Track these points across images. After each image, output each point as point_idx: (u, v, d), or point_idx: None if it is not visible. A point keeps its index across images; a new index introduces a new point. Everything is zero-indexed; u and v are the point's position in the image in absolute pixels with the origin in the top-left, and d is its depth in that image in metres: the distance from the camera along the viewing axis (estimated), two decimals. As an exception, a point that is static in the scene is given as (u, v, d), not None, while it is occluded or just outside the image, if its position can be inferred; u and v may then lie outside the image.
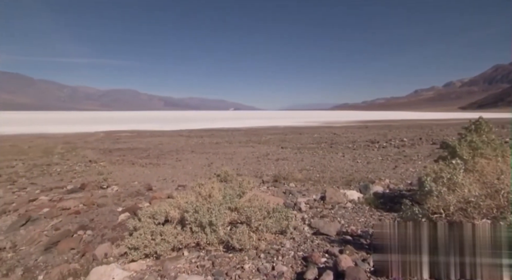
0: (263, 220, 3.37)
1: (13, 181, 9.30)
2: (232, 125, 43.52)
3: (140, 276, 2.72)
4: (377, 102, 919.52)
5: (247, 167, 10.95)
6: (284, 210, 3.58)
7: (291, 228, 3.51)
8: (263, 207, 3.58)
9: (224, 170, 8.01)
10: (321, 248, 3.05)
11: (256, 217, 3.34)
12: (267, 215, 3.50)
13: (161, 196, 6.11)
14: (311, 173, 9.36)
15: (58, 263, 3.74)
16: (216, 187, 4.26)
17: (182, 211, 3.86)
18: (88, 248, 4.04)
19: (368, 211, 4.25)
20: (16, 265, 3.75)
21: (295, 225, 3.74)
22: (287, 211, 3.58)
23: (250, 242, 3.09)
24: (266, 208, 3.59)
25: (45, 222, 5.18)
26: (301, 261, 2.79)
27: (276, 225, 3.39)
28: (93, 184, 8.38)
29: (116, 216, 5.23)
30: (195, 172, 10.38)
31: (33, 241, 4.40)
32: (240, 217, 3.77)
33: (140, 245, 3.26)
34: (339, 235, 3.43)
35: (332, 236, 3.39)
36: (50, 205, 6.20)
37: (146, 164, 12.12)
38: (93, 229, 4.69)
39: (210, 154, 14.74)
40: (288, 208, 3.91)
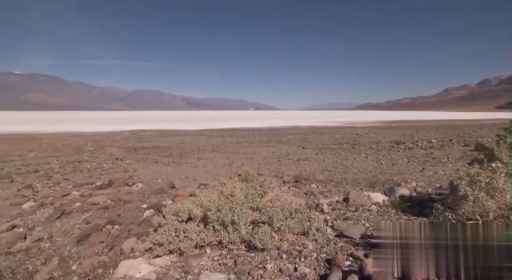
0: (285, 221, 3.35)
1: (49, 176, 9.92)
2: (252, 125, 43.69)
3: (165, 271, 2.79)
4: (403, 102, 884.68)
5: (267, 167, 10.93)
6: (306, 210, 3.54)
7: (314, 229, 3.45)
8: (285, 207, 3.55)
9: (245, 170, 8.04)
10: (345, 251, 2.98)
11: (278, 217, 3.32)
12: (289, 215, 3.47)
13: (183, 194, 6.25)
14: (332, 174, 9.18)
15: (89, 255, 3.93)
16: (238, 186, 4.29)
17: (205, 209, 3.92)
18: (115, 242, 4.22)
19: (394, 215, 4.09)
20: (52, 254, 3.99)
21: (318, 227, 3.68)
22: (310, 212, 3.53)
23: (272, 242, 3.08)
24: (288, 209, 3.56)
25: (77, 215, 5.47)
26: (324, 264, 2.73)
27: (298, 226, 3.35)
28: (120, 180, 8.73)
29: (141, 212, 5.42)
30: (216, 171, 10.52)
31: (67, 233, 4.66)
32: (262, 217, 3.77)
33: (165, 241, 3.35)
34: (363, 238, 3.32)
35: (356, 239, 3.29)
36: (81, 200, 6.55)
37: (169, 163, 12.45)
38: (120, 224, 4.89)
39: (230, 153, 14.88)
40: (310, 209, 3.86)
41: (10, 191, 7.95)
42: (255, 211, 4.10)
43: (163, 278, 2.66)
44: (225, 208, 3.52)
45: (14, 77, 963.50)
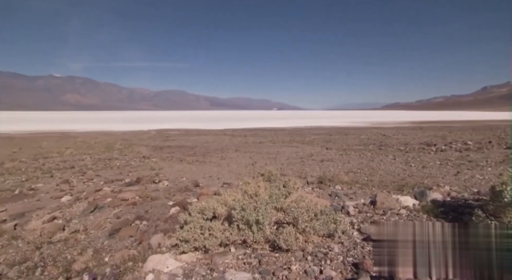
0: (310, 222, 3.29)
1: (83, 172, 10.54)
2: (275, 125, 43.57)
3: (191, 267, 2.85)
4: (434, 101, 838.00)
5: (290, 167, 10.84)
6: (332, 212, 3.46)
7: (340, 232, 3.37)
8: (310, 209, 3.50)
9: (268, 170, 8.03)
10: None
11: (303, 218, 3.27)
12: (314, 216, 3.41)
13: (208, 192, 6.36)
14: (358, 175, 8.91)
15: (120, 248, 4.12)
16: (262, 186, 4.29)
17: (229, 208, 3.96)
18: (144, 237, 4.39)
19: (426, 220, 3.88)
20: (87, 246, 4.23)
21: (344, 229, 3.58)
22: (335, 214, 3.45)
23: (296, 243, 3.04)
24: (313, 210, 3.50)
25: (109, 210, 5.76)
26: (351, 267, 2.65)
27: (323, 228, 3.28)
28: (147, 178, 9.06)
29: (168, 209, 5.59)
30: (239, 170, 10.60)
31: (100, 226, 4.92)
32: (286, 217, 3.74)
33: (190, 238, 3.42)
34: (393, 243, 3.19)
35: (385, 244, 3.16)
36: (112, 196, 6.88)
37: (193, 161, 12.74)
38: (148, 220, 5.08)
39: (253, 153, 14.93)
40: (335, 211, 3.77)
41: (51, 185, 8.54)
42: (279, 211, 4.08)
43: (190, 274, 2.72)
44: (249, 207, 3.54)
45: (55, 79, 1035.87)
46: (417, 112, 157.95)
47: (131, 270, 3.21)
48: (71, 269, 3.51)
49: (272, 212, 3.60)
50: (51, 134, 30.46)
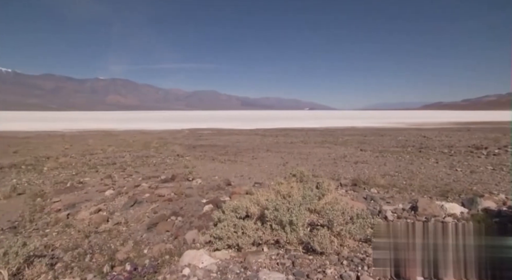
0: (345, 225, 3.18)
1: (123, 169, 11.24)
2: (307, 125, 42.91)
3: (225, 264, 2.90)
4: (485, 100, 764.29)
5: (323, 168, 10.59)
6: (369, 216, 3.31)
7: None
8: (346, 211, 3.38)
9: (300, 170, 7.92)
10: (416, 264, 2.68)
11: (338, 221, 3.17)
12: (350, 220, 3.29)
13: (240, 191, 6.43)
14: (395, 179, 8.43)
15: (157, 241, 4.32)
16: (295, 187, 4.25)
17: (262, 208, 3.97)
18: (179, 232, 4.56)
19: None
20: (128, 237, 4.51)
21: (382, 235, 3.41)
22: (373, 218, 3.30)
23: (331, 247, 2.96)
24: (349, 213, 3.38)
25: (147, 205, 6.08)
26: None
27: (360, 232, 3.16)
28: (181, 175, 9.40)
29: (201, 206, 5.75)
30: (270, 170, 10.59)
31: (139, 220, 5.22)
32: (320, 220, 3.65)
33: (224, 236, 3.49)
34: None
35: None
36: (149, 191, 7.26)
37: (225, 160, 12.97)
38: (182, 216, 5.27)
39: (284, 153, 14.83)
40: (372, 215, 3.60)
41: (96, 180, 9.24)
42: (312, 212, 4.00)
43: (224, 271, 2.76)
44: (282, 207, 3.51)
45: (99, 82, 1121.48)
46: (464, 112, 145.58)
47: (168, 263, 3.35)
48: (115, 258, 3.75)
49: (305, 213, 3.54)
50: (96, 132, 33.00)
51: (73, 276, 3.24)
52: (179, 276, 2.75)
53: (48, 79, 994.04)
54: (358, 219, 3.26)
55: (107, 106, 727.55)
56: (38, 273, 3.21)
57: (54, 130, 35.44)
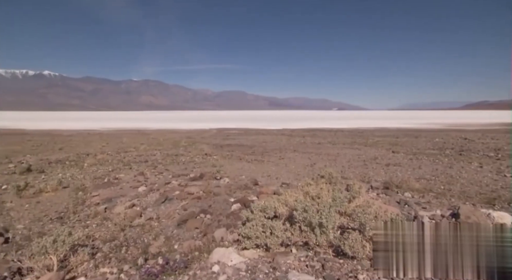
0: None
1: (154, 166, 11.74)
2: (335, 126, 41.88)
3: (254, 264, 2.91)
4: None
5: (352, 170, 10.26)
6: (404, 222, 3.14)
7: (414, 245, 3.03)
8: (379, 216, 3.24)
9: (328, 171, 7.74)
10: (457, 276, 2.50)
11: (371, 225, 3.05)
12: (383, 225, 3.15)
13: (267, 191, 6.43)
14: (432, 183, 7.93)
15: (187, 238, 4.45)
16: (325, 188, 4.15)
17: (290, 209, 3.93)
18: (208, 230, 4.65)
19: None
20: (160, 233, 4.70)
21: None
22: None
23: (364, 251, 2.85)
24: (382, 217, 3.23)
25: (177, 202, 6.29)
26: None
27: (394, 238, 3.00)
28: (209, 174, 9.60)
29: (229, 205, 5.83)
30: (297, 171, 10.48)
31: (170, 216, 5.41)
32: (351, 223, 3.54)
33: (252, 235, 3.50)
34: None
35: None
36: (179, 189, 7.49)
37: (252, 160, 13.05)
38: (211, 214, 5.38)
39: (312, 154, 14.59)
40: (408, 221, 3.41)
41: (130, 176, 9.74)
42: (342, 215, 3.88)
43: (253, 270, 2.77)
44: (312, 209, 3.45)
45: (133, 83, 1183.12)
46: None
47: (198, 260, 3.43)
48: (148, 252, 3.93)
49: (335, 215, 3.45)
50: (129, 131, 34.85)
51: (111, 266, 3.44)
52: (208, 273, 2.81)
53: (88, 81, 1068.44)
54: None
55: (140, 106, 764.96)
56: (81, 261, 3.46)
57: (93, 129, 37.99)
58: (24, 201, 6.96)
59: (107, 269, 3.32)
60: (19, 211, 6.31)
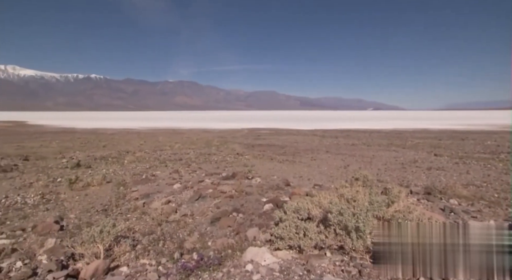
0: (422, 239, 2.85)
1: (188, 165, 12.16)
2: (370, 126, 40.14)
3: (287, 265, 2.88)
4: None
5: (389, 173, 9.74)
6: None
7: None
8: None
9: (363, 174, 7.45)
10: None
11: (413, 233, 2.86)
12: (427, 233, 2.94)
13: (300, 192, 6.34)
14: (483, 190, 7.24)
15: (220, 235, 4.54)
16: (361, 191, 3.99)
17: (324, 211, 3.83)
18: (240, 228, 4.70)
19: None
20: (194, 229, 4.85)
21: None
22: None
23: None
24: (426, 225, 3.01)
25: (210, 200, 6.45)
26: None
27: (440, 248, 2.79)
28: (241, 174, 9.70)
29: (261, 205, 5.84)
30: (330, 172, 10.20)
31: (203, 214, 5.56)
32: (390, 229, 3.35)
33: (285, 236, 3.47)
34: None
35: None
36: (212, 187, 7.67)
37: (283, 160, 12.96)
38: (243, 213, 5.43)
39: (346, 156, 14.11)
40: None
41: (165, 173, 10.20)
42: (380, 220, 3.70)
43: (286, 271, 2.75)
44: (347, 212, 3.33)
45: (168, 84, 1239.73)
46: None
47: (231, 257, 3.48)
48: (183, 247, 4.07)
49: (373, 220, 3.30)
50: (165, 130, 36.55)
51: (150, 258, 3.63)
52: (242, 271, 2.84)
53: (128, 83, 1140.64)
54: (438, 232, 2.89)
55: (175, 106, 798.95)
56: (124, 252, 3.69)
57: (132, 128, 40.46)
58: (74, 193, 7.63)
59: (147, 261, 3.51)
60: (70, 202, 6.92)
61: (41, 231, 4.82)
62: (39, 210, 6.28)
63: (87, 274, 3.02)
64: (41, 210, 6.29)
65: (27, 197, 7.16)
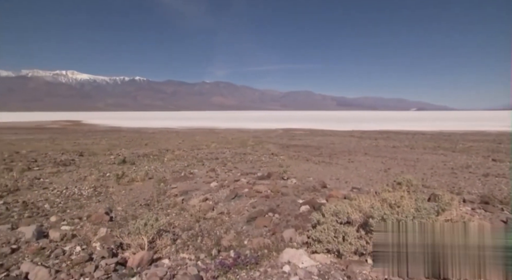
0: (479, 252, 2.57)
1: (224, 164, 12.43)
2: (413, 128, 37.52)
3: (326, 269, 2.80)
4: None
5: (436, 179, 9.00)
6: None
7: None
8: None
9: (407, 178, 6.97)
10: None
11: (468, 245, 2.60)
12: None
13: (337, 195, 6.14)
14: (553, 201, 6.35)
15: (256, 235, 4.57)
16: (406, 196, 3.73)
17: (365, 215, 3.66)
18: (276, 229, 4.68)
19: None
20: (230, 227, 4.94)
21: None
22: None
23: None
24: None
25: (246, 199, 6.52)
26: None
27: (502, 264, 2.49)
28: (276, 174, 9.67)
29: (297, 206, 5.76)
30: (369, 175, 9.72)
31: (239, 212, 5.65)
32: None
33: (323, 239, 3.37)
34: None
35: None
36: (248, 187, 7.75)
37: (319, 162, 12.66)
38: (279, 214, 5.40)
39: (386, 158, 13.34)
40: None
41: (202, 172, 10.55)
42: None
43: (325, 276, 2.67)
44: (391, 218, 3.14)
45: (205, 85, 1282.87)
46: None
47: (267, 257, 3.48)
48: (220, 244, 4.17)
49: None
50: (202, 130, 37.87)
51: (189, 253, 3.77)
52: (279, 272, 2.81)
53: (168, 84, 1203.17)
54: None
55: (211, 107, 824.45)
56: (165, 245, 3.89)
57: (171, 127, 42.60)
58: (121, 187, 8.23)
59: (186, 255, 3.65)
60: (118, 195, 7.49)
61: (94, 220, 5.28)
62: (92, 201, 6.90)
63: (134, 263, 3.23)
64: (93, 202, 6.90)
65: (83, 189, 7.91)
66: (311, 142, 22.03)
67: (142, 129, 38.16)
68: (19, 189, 7.79)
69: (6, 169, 10.34)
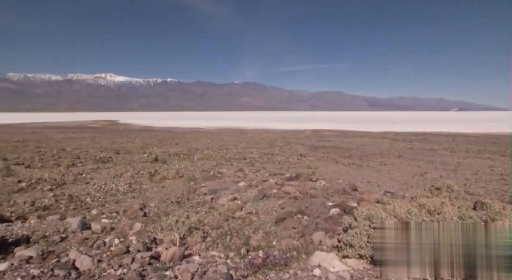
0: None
1: (252, 164, 12.50)
2: (454, 129, 34.98)
3: (359, 275, 2.69)
4: None
5: (481, 185, 8.30)
6: None
7: None
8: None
9: (447, 183, 6.50)
10: None
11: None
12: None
13: (369, 198, 5.91)
14: None
15: (284, 236, 4.53)
16: (447, 203, 3.48)
17: (400, 221, 3.46)
18: (305, 231, 4.61)
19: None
20: (258, 227, 4.96)
21: None
22: None
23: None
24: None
25: (274, 200, 6.49)
26: None
27: None
28: (304, 175, 9.53)
29: (327, 209, 5.62)
30: (403, 179, 9.23)
31: (268, 213, 5.64)
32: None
33: (356, 244, 3.25)
34: None
35: None
36: (276, 187, 7.71)
37: (349, 164, 12.28)
38: (308, 216, 5.31)
39: (422, 162, 12.58)
40: None
41: (231, 171, 10.70)
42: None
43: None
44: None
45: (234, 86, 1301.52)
46: None
47: (296, 260, 3.43)
48: (249, 243, 4.20)
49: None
50: (230, 130, 38.47)
51: (219, 251, 3.84)
52: (309, 275, 2.76)
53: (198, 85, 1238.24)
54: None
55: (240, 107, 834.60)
56: (196, 242, 4.00)
57: (200, 127, 43.79)
58: (153, 185, 8.62)
59: (216, 253, 3.72)
60: (150, 192, 7.86)
61: (130, 215, 5.58)
62: (127, 197, 7.31)
63: (167, 258, 3.36)
64: (129, 197, 7.30)
65: (119, 185, 8.40)
66: (340, 143, 21.43)
67: (172, 129, 39.68)
68: (65, 183, 8.48)
69: (55, 164, 11.32)
